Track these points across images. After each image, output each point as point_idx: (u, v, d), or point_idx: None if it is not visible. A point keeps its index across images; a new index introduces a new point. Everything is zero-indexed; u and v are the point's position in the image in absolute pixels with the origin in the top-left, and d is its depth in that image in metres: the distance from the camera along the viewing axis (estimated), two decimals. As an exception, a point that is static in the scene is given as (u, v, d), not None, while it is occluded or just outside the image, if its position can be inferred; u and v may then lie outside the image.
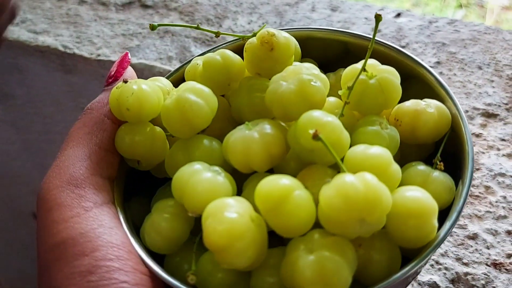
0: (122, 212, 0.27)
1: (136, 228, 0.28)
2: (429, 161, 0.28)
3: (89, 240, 0.24)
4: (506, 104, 0.47)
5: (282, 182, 0.23)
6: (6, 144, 0.63)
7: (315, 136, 0.23)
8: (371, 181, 0.22)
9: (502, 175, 0.40)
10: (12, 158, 0.64)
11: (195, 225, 0.27)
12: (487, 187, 0.39)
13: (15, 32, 0.51)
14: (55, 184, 0.26)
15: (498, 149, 0.43)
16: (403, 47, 0.54)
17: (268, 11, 0.58)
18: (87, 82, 0.52)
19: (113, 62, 0.52)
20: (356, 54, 0.32)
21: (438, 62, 0.53)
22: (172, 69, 0.36)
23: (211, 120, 0.28)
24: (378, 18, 0.28)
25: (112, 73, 0.32)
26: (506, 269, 0.36)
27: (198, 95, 0.28)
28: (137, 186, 0.31)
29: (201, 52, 0.36)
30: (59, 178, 0.26)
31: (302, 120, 0.25)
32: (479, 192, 0.39)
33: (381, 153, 0.24)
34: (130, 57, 0.32)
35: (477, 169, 0.41)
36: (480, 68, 0.51)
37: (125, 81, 0.29)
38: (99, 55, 0.52)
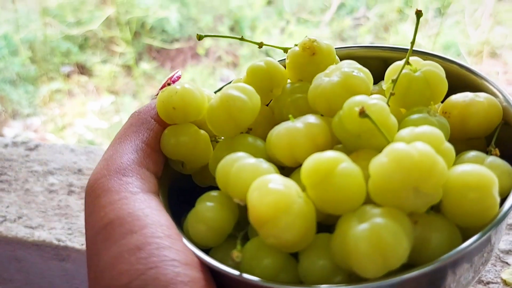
0: (167, 206, 0.27)
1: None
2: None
3: (137, 219, 0.23)
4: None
5: (328, 155, 0.22)
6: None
7: (362, 113, 0.23)
8: (425, 148, 0.21)
9: None
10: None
11: (239, 223, 0.26)
12: None
13: (13, 229, 0.54)
14: (102, 173, 0.26)
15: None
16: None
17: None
18: (80, 267, 0.54)
19: None
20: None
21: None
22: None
23: (254, 117, 0.28)
24: (418, 14, 0.28)
25: (162, 85, 0.33)
26: None
27: (241, 91, 0.28)
28: (182, 206, 0.31)
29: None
30: (106, 168, 0.26)
31: (348, 103, 0.25)
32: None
33: (431, 131, 0.23)
34: (180, 74, 0.34)
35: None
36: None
37: (169, 84, 0.30)
38: None
